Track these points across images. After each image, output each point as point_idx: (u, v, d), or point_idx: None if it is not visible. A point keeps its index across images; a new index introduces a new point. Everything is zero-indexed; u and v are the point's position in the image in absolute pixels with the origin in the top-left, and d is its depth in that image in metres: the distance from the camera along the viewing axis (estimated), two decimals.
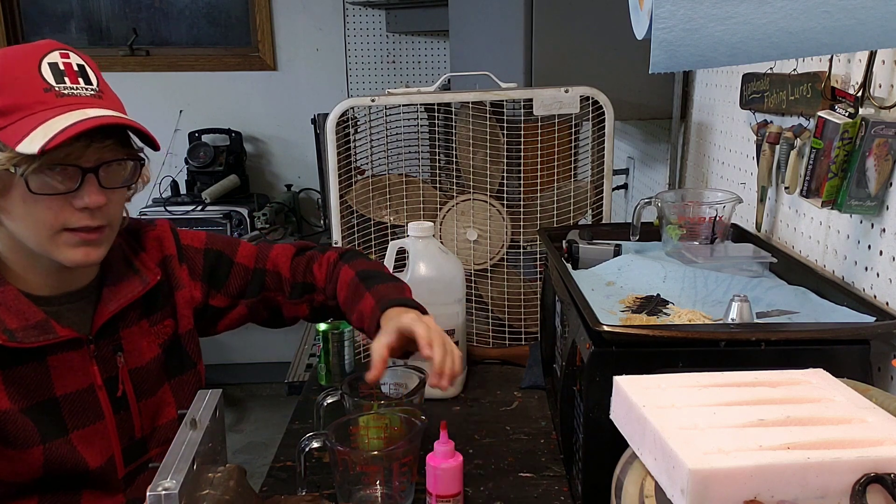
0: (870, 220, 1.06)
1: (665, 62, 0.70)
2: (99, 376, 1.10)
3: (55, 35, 3.75)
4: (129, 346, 1.14)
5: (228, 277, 1.25)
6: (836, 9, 0.66)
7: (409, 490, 1.05)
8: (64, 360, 1.07)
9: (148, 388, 1.16)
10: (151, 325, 1.18)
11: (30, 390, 1.05)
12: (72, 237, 1.01)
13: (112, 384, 1.12)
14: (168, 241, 1.22)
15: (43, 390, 1.06)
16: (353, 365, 1.48)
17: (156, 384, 1.18)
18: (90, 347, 1.09)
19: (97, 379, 1.10)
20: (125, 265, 1.15)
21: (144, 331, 1.17)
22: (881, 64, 1.02)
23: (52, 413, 1.07)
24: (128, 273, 1.14)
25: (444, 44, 3.75)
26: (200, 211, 3.40)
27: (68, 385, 1.08)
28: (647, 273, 1.21)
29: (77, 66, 1.01)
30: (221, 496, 0.85)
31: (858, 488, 0.60)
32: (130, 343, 1.14)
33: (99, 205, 1.00)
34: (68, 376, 1.08)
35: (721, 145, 1.63)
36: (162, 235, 1.22)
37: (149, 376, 1.16)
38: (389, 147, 1.53)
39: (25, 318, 1.03)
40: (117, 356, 1.12)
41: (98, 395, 1.11)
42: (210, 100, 3.74)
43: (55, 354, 1.06)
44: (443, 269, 1.35)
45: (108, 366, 1.12)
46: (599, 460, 0.90)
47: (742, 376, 0.76)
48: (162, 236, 1.22)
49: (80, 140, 0.96)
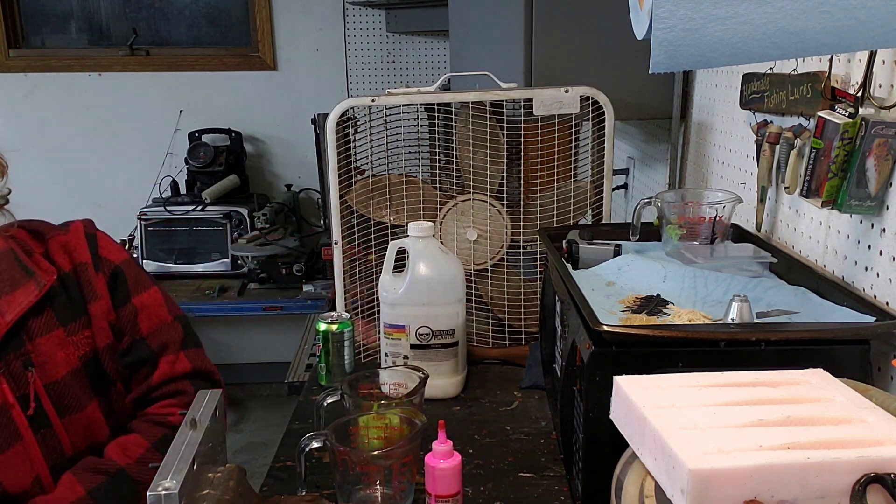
0: (870, 220, 1.06)
1: (665, 62, 0.70)
2: (10, 394, 1.03)
3: (55, 35, 3.76)
4: (41, 358, 1.06)
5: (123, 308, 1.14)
6: (836, 9, 0.66)
7: (409, 490, 1.05)
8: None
9: (70, 402, 1.08)
10: (69, 335, 1.09)
11: None
12: None
13: (25, 402, 1.04)
14: (80, 248, 1.13)
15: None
16: (353, 365, 1.48)
17: (80, 399, 1.09)
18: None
19: (8, 397, 1.03)
20: (18, 270, 1.07)
21: (61, 341, 1.09)
22: (881, 64, 1.02)
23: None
24: (21, 278, 1.06)
25: (444, 44, 3.75)
26: (200, 211, 3.40)
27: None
28: (647, 273, 1.21)
29: None
30: (221, 496, 0.85)
31: (858, 488, 0.60)
32: (42, 356, 1.07)
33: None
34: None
35: (721, 145, 1.63)
36: (72, 241, 1.13)
37: (69, 390, 1.08)
38: (389, 147, 1.53)
39: None
40: (28, 372, 1.05)
41: (11, 415, 1.04)
42: (210, 100, 3.74)
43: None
44: (443, 269, 1.35)
45: (19, 382, 1.05)
46: (599, 460, 0.90)
47: (742, 376, 0.76)
48: (72, 242, 1.13)
49: None
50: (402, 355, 1.36)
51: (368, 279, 1.56)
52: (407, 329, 1.35)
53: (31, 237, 1.13)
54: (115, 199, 3.67)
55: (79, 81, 3.68)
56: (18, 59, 3.67)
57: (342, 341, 1.45)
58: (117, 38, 3.76)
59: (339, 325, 1.44)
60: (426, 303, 1.34)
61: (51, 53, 3.72)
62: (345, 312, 1.50)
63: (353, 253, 1.57)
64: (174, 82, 3.73)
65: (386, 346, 1.39)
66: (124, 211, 3.45)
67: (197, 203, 3.43)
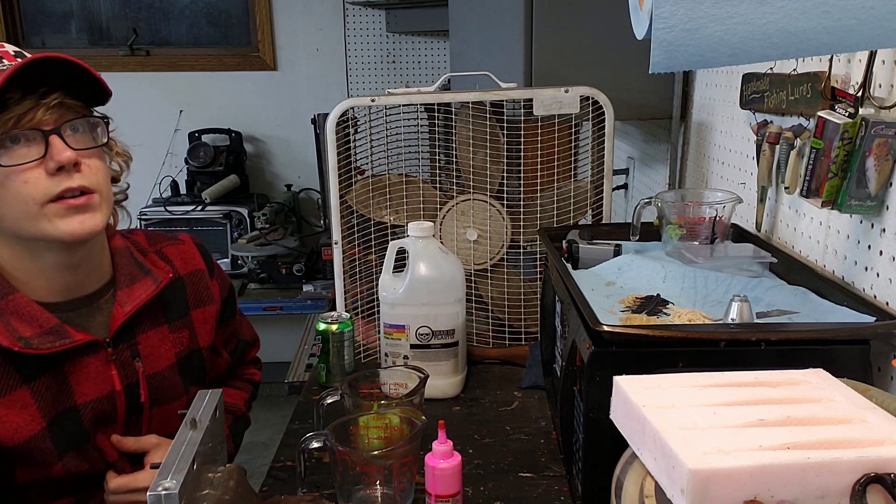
0: (870, 220, 1.06)
1: (665, 62, 0.70)
2: (119, 381, 1.10)
3: (55, 35, 3.76)
4: (147, 350, 1.14)
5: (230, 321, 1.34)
6: (836, 9, 0.66)
7: (409, 490, 1.05)
8: (81, 367, 1.06)
9: (162, 395, 1.16)
10: (171, 332, 1.17)
11: (53, 401, 1.04)
12: (58, 207, 0.99)
13: (132, 390, 1.11)
14: (195, 257, 1.25)
15: (63, 399, 1.05)
16: (353, 365, 1.48)
17: (171, 393, 1.17)
18: (108, 351, 1.09)
19: (117, 384, 1.09)
20: (135, 266, 1.14)
21: (164, 336, 1.16)
22: (881, 64, 1.02)
23: (74, 423, 1.06)
24: (139, 274, 1.14)
25: (444, 44, 3.75)
26: (200, 211, 3.40)
27: (87, 392, 1.07)
28: (647, 273, 1.21)
29: (13, 52, 1.01)
30: (221, 496, 0.85)
31: (858, 488, 0.60)
32: (148, 347, 1.14)
33: (70, 160, 0.98)
34: (86, 383, 1.07)
35: (721, 145, 1.63)
36: (188, 251, 1.25)
37: (164, 383, 1.16)
38: (389, 147, 1.53)
39: (39, 325, 1.02)
40: (135, 362, 1.12)
41: (116, 402, 1.10)
42: (210, 100, 3.74)
43: (72, 360, 1.05)
44: (443, 269, 1.35)
45: (127, 371, 1.11)
46: (599, 460, 0.90)
47: (742, 376, 0.76)
48: (188, 252, 1.25)
49: (27, 99, 0.95)
50: (402, 355, 1.36)
51: (368, 279, 1.56)
52: (407, 329, 1.35)
53: (145, 239, 1.22)
54: None
55: None
56: None
57: (342, 341, 1.45)
58: (117, 38, 3.76)
59: (339, 325, 1.44)
60: (426, 303, 1.34)
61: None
62: (345, 312, 1.51)
63: (353, 253, 1.57)
64: (174, 82, 3.73)
65: (386, 346, 1.39)
66: None
67: (197, 203, 3.43)
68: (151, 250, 1.20)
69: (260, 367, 1.49)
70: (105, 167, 1.06)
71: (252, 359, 1.46)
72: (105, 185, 1.05)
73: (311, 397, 1.38)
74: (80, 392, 1.06)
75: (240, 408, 1.37)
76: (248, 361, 1.45)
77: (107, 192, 1.05)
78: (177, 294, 1.20)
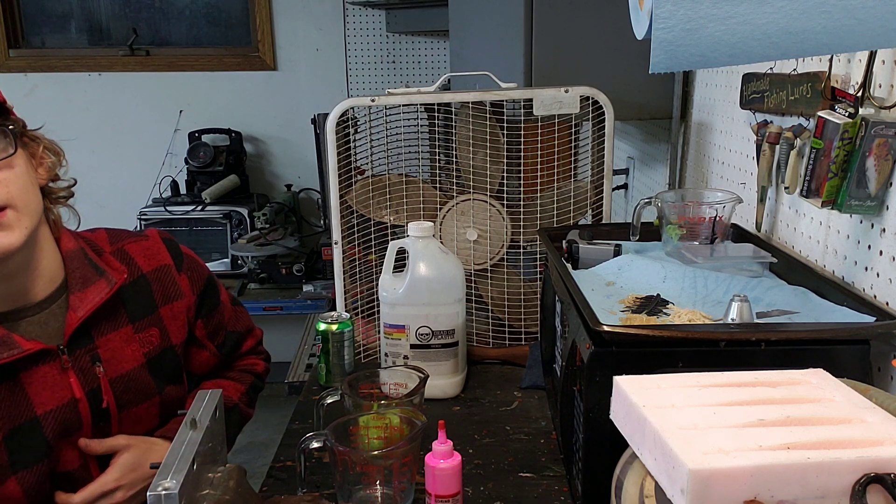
0: (870, 220, 1.06)
1: (665, 62, 0.70)
2: (79, 388, 1.07)
3: (55, 35, 3.76)
4: (108, 354, 1.11)
5: (214, 313, 1.29)
6: (836, 9, 0.66)
7: (409, 490, 1.05)
8: (37, 377, 1.04)
9: (130, 398, 1.13)
10: (137, 332, 1.14)
11: (9, 414, 1.02)
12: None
13: (94, 396, 1.09)
14: (160, 252, 1.21)
15: (22, 411, 1.03)
16: (353, 365, 1.48)
17: (141, 395, 1.15)
18: (63, 359, 1.06)
19: (77, 391, 1.07)
20: (89, 268, 1.11)
21: (128, 337, 1.13)
22: (881, 64, 1.02)
23: (35, 435, 1.04)
24: (93, 276, 1.10)
25: (444, 44, 3.75)
26: (200, 211, 3.40)
27: (46, 402, 1.04)
28: (647, 273, 1.21)
29: None
30: (221, 496, 0.85)
31: (858, 488, 0.60)
32: (109, 351, 1.11)
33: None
34: (44, 393, 1.04)
35: (721, 145, 1.63)
36: (153, 247, 1.20)
37: (131, 386, 1.13)
38: (389, 147, 1.53)
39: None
40: (96, 366, 1.09)
41: (78, 408, 1.08)
42: (210, 100, 3.74)
43: (26, 371, 1.03)
44: (443, 269, 1.35)
45: (87, 377, 1.08)
46: (599, 460, 0.90)
47: (742, 376, 0.76)
48: (153, 248, 1.20)
49: None
50: (402, 355, 1.36)
51: (368, 279, 1.56)
52: (407, 329, 1.35)
53: (107, 238, 1.19)
54: (115, 199, 3.67)
55: (79, 81, 3.68)
56: (18, 59, 3.67)
57: (342, 341, 1.45)
58: (117, 38, 3.76)
59: (339, 325, 1.44)
60: (426, 303, 1.34)
61: (51, 53, 3.72)
62: (345, 312, 1.51)
63: (353, 253, 1.57)
64: (174, 82, 3.73)
65: (386, 346, 1.39)
66: (124, 211, 3.44)
67: (197, 203, 3.42)
68: (111, 249, 1.16)
69: (265, 357, 1.44)
70: (23, 175, 1.01)
71: (251, 349, 1.42)
72: (23, 196, 1.00)
73: (311, 397, 1.38)
74: (38, 402, 1.04)
75: (231, 399, 1.32)
76: (245, 352, 1.40)
77: (26, 202, 1.00)
78: (139, 292, 1.17)
